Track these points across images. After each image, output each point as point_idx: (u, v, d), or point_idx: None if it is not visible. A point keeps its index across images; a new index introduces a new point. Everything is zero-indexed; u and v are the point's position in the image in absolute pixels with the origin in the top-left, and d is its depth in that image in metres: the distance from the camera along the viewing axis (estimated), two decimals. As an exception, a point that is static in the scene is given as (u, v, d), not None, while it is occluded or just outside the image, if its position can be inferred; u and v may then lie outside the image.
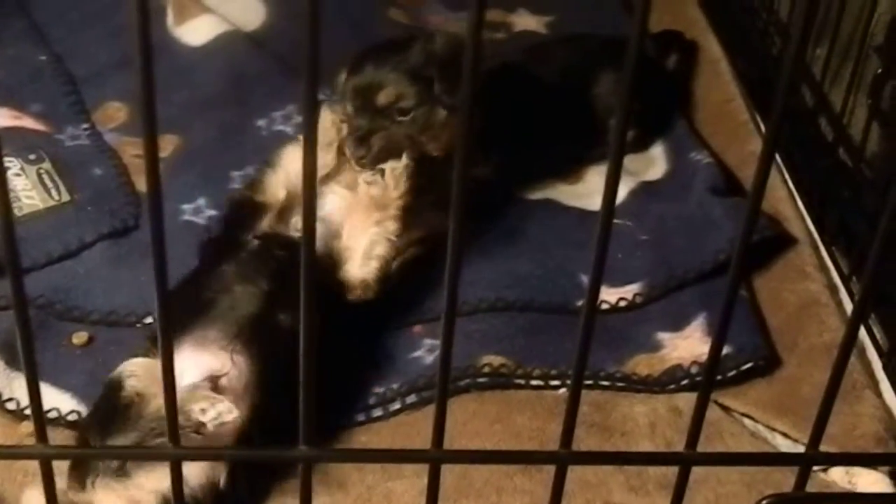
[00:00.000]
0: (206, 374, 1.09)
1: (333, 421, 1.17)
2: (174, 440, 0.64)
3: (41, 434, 0.63)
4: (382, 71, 1.33)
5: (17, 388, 1.19)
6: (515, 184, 1.45)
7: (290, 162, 1.30)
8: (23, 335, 0.59)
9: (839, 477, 1.16)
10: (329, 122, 1.33)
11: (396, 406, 1.20)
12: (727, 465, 1.04)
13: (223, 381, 1.09)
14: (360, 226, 1.27)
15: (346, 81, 1.34)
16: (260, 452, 0.97)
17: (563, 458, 0.66)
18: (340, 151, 1.32)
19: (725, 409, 1.22)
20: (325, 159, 1.31)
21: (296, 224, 1.25)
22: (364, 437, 1.18)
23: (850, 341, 0.65)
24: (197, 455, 0.86)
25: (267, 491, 1.09)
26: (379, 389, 1.22)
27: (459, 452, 0.94)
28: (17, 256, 0.56)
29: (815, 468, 1.16)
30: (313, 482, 0.69)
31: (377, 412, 1.20)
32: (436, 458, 0.65)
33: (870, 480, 1.14)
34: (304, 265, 0.57)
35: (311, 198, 0.55)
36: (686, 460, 0.67)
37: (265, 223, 1.26)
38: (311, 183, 0.54)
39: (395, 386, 1.22)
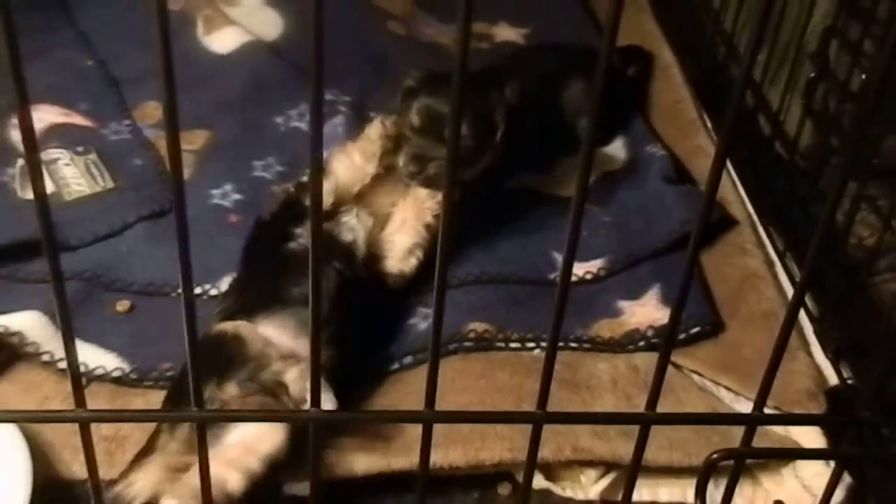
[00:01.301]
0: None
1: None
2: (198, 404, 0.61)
3: (79, 399, 0.59)
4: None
5: (68, 351, 1.15)
6: (501, 175, 1.42)
7: (339, 168, 1.25)
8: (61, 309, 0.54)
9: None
10: (376, 136, 1.28)
11: (395, 366, 1.18)
12: (682, 424, 1.01)
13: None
14: (406, 226, 1.25)
15: (419, 99, 1.27)
16: (271, 413, 0.93)
17: (539, 418, 0.62)
18: (385, 158, 1.27)
19: (677, 366, 1.19)
20: (367, 168, 1.26)
21: (347, 223, 1.21)
22: (367, 392, 1.15)
23: (791, 319, 0.62)
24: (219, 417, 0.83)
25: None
26: (381, 352, 1.19)
27: (449, 413, 0.91)
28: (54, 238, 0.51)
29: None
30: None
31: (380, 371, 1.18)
32: (428, 418, 0.62)
33: (803, 430, 1.12)
34: (313, 245, 0.53)
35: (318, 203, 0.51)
36: (646, 420, 0.64)
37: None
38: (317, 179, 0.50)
39: (393, 349, 1.19)
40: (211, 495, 0.71)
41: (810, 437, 1.10)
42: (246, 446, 0.96)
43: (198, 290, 1.25)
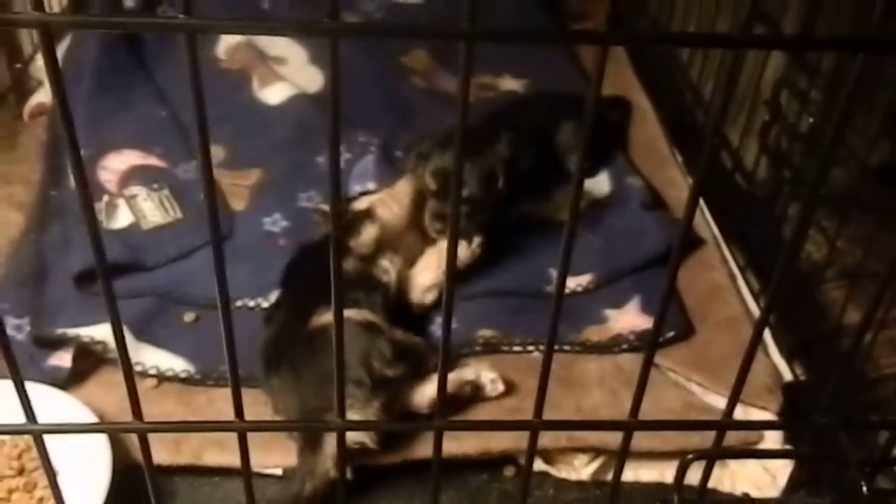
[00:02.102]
0: None
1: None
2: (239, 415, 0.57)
3: (135, 409, 0.55)
4: (468, 172, 1.24)
5: (143, 355, 1.12)
6: (505, 206, 1.38)
7: (384, 215, 1.22)
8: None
9: (739, 414, 1.09)
10: (404, 193, 1.26)
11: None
12: (661, 430, 0.97)
13: None
14: (428, 270, 1.22)
15: (431, 162, 1.24)
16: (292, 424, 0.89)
17: (537, 425, 0.58)
18: (415, 211, 1.26)
19: (655, 365, 1.15)
20: (396, 222, 1.24)
21: (382, 265, 1.20)
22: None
23: (758, 334, 0.58)
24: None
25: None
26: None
27: (455, 422, 0.93)
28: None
29: (721, 407, 1.10)
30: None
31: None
32: (439, 426, 0.58)
33: (762, 417, 1.08)
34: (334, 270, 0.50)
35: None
36: (629, 427, 0.60)
37: (351, 262, 1.18)
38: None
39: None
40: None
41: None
42: None
43: (251, 304, 1.22)
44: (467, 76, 0.45)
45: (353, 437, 0.96)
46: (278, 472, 1.03)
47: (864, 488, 0.60)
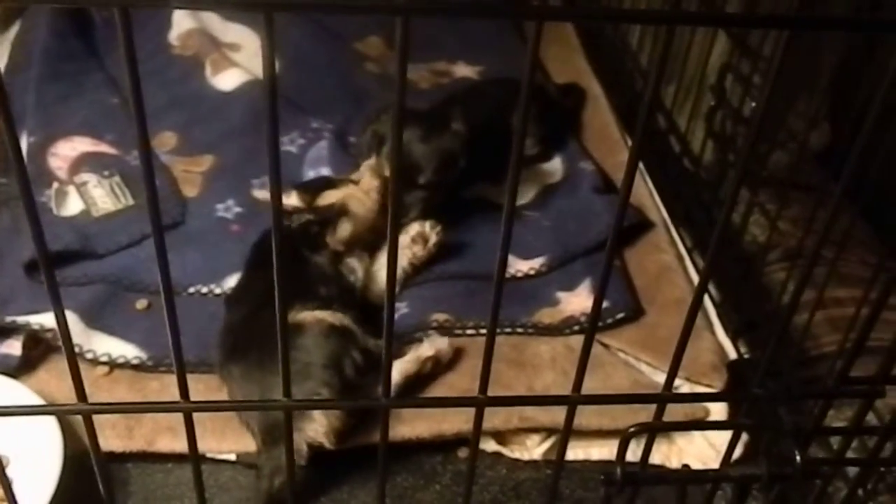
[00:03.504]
0: None
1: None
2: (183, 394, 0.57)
3: (79, 390, 0.55)
4: (423, 153, 1.25)
5: (94, 343, 1.11)
6: (461, 188, 1.38)
7: (357, 211, 1.22)
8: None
9: (686, 391, 1.12)
10: (372, 187, 1.24)
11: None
12: (604, 404, 0.99)
13: None
14: (383, 264, 1.21)
15: (388, 142, 1.23)
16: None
17: (481, 402, 0.59)
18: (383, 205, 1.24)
19: (605, 346, 1.17)
20: (368, 216, 1.22)
21: (350, 264, 1.20)
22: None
23: (695, 306, 0.59)
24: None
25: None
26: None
27: (402, 401, 0.94)
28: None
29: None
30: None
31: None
32: (386, 405, 0.59)
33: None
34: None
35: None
36: (572, 401, 0.61)
37: (326, 257, 1.17)
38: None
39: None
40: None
41: (716, 405, 1.09)
42: None
43: (204, 290, 1.21)
44: (405, 53, 0.45)
45: (311, 435, 0.96)
46: (232, 457, 1.03)
47: (798, 457, 0.61)
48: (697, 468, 1.01)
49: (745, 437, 0.99)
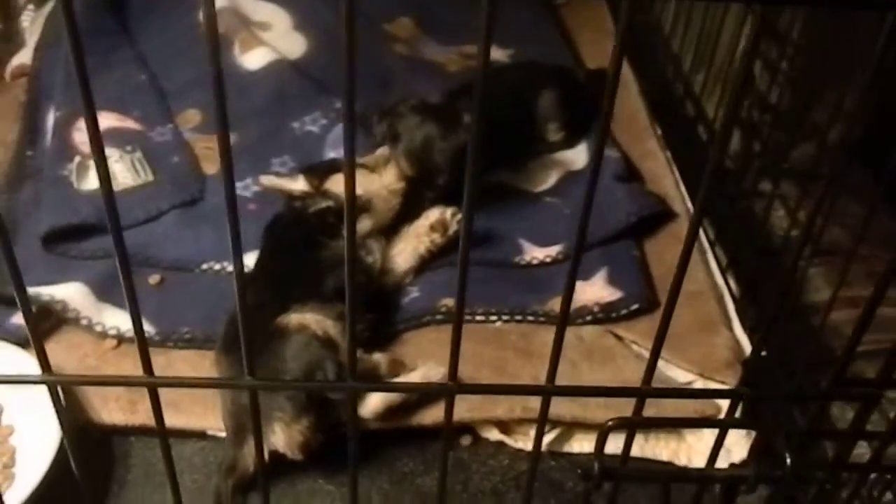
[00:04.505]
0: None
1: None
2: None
3: (42, 360, 0.55)
4: (439, 156, 1.23)
5: (104, 316, 1.12)
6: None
7: (379, 207, 1.21)
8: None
9: (700, 385, 1.09)
10: (395, 181, 1.24)
11: (399, 327, 1.15)
12: (581, 396, 0.98)
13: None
14: (405, 254, 1.21)
15: (403, 141, 1.25)
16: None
17: (451, 389, 0.57)
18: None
19: (619, 337, 1.14)
20: (389, 212, 1.22)
21: (369, 246, 1.18)
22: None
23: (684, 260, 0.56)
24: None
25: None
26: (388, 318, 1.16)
27: (376, 385, 0.92)
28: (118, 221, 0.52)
29: (682, 381, 1.09)
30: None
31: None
32: (352, 387, 0.57)
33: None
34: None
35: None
36: (546, 392, 0.59)
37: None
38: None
39: (396, 316, 1.17)
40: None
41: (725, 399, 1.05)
42: None
43: (217, 267, 1.22)
44: (350, 23, 0.43)
45: (276, 444, 0.94)
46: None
47: (788, 460, 0.58)
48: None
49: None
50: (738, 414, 1.01)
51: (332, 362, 0.96)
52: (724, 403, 1.05)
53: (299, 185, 1.20)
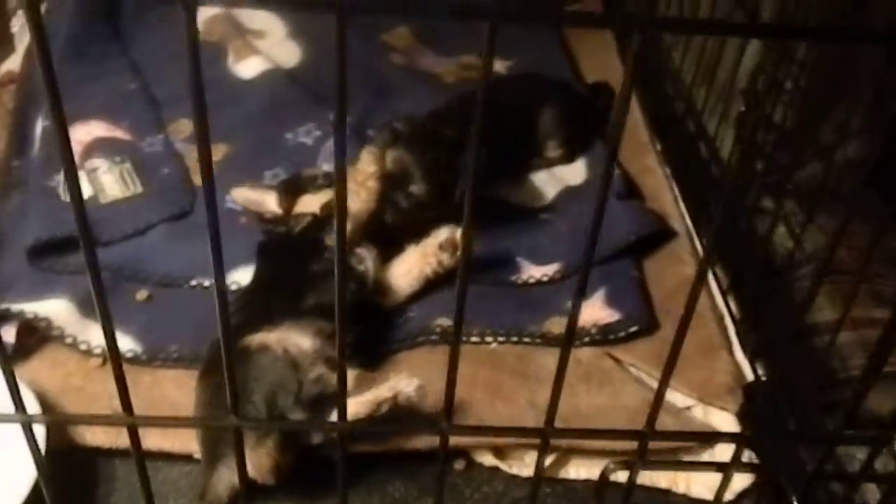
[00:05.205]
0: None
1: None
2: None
3: (126, 403, 0.52)
4: (415, 164, 1.20)
5: (89, 333, 1.09)
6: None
7: (352, 207, 1.16)
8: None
9: (699, 413, 1.07)
10: (368, 174, 1.18)
11: (393, 347, 1.12)
12: (581, 439, 0.95)
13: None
14: (410, 276, 1.17)
15: (396, 147, 1.21)
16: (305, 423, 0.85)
17: (445, 429, 0.55)
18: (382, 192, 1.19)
19: (617, 360, 1.12)
20: (366, 207, 1.17)
21: (359, 254, 1.14)
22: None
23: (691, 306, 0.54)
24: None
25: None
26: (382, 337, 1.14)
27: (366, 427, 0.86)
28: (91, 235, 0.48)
29: (681, 406, 1.07)
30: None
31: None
32: (342, 427, 0.55)
33: (721, 418, 1.05)
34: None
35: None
36: (545, 434, 0.56)
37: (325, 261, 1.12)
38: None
39: (391, 335, 1.14)
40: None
41: (727, 422, 1.03)
42: None
43: (206, 283, 1.19)
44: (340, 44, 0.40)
45: (250, 466, 0.91)
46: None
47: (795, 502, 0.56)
48: (707, 498, 0.96)
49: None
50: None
51: (296, 384, 0.93)
52: (723, 426, 1.04)
53: (271, 203, 1.18)
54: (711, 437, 0.97)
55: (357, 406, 0.93)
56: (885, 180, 1.05)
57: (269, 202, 1.20)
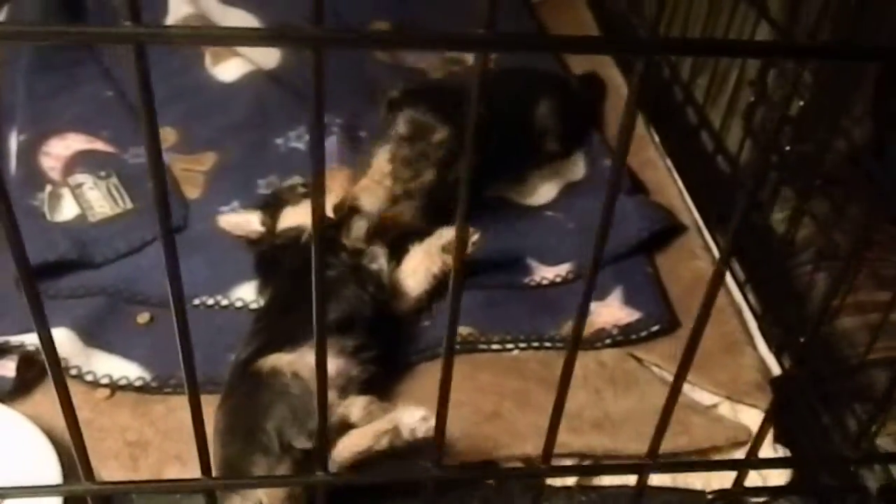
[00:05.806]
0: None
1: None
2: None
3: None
4: (428, 113, 1.17)
5: (93, 363, 1.04)
6: (479, 184, 1.31)
7: (372, 209, 1.14)
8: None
9: (727, 411, 1.06)
10: (384, 172, 1.16)
11: (411, 359, 1.09)
12: (680, 472, 0.96)
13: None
14: (417, 275, 1.13)
15: (404, 111, 1.18)
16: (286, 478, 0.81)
17: (433, 475, 0.52)
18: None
19: (639, 360, 1.11)
20: (382, 205, 1.15)
21: (372, 252, 1.11)
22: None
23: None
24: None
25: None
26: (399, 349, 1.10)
27: (347, 478, 0.81)
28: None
29: (707, 404, 1.06)
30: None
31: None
32: (320, 481, 0.52)
33: (751, 415, 1.04)
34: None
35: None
36: (642, 469, 0.54)
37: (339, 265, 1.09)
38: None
39: (408, 347, 1.10)
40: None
41: (757, 419, 1.02)
42: None
43: (210, 301, 1.14)
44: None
45: (259, 496, 0.87)
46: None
47: None
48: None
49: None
50: (770, 434, 0.99)
51: (307, 413, 0.89)
52: (754, 427, 1.03)
53: (255, 224, 1.15)
54: (758, 465, 0.94)
55: (356, 439, 0.90)
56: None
57: (254, 223, 1.16)
